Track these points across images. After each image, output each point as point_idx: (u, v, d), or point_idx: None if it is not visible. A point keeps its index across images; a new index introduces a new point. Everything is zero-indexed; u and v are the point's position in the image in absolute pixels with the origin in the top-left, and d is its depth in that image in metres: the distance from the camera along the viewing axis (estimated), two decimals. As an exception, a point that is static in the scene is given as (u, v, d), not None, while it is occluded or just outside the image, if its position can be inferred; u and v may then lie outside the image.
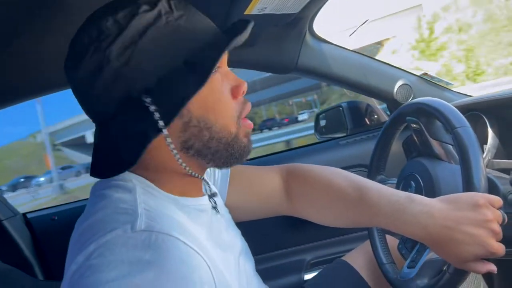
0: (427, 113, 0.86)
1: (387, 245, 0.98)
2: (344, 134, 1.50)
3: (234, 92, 0.65)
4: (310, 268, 1.40)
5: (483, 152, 0.87)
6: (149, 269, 0.48)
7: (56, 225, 1.38)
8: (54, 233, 0.65)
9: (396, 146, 1.04)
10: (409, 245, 0.89)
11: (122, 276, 0.48)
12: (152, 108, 0.57)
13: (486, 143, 1.04)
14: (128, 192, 0.59)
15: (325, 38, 1.26)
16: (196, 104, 0.60)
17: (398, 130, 1.00)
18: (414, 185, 0.90)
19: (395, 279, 0.88)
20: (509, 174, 0.81)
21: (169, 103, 0.57)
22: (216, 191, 0.81)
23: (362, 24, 1.26)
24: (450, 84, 1.34)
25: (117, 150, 0.61)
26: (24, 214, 1.46)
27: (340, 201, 0.80)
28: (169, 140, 0.60)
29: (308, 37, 1.23)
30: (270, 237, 1.43)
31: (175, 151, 0.61)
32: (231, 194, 0.87)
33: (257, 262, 0.84)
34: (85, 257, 0.51)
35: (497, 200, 0.67)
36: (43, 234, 1.41)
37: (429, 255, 0.80)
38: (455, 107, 0.82)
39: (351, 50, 1.30)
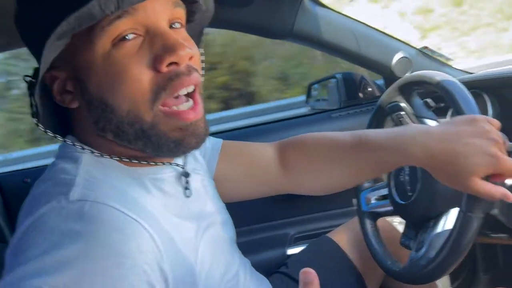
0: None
1: (385, 246, 0.93)
2: (337, 107, 1.45)
3: (155, 64, 0.53)
4: (293, 242, 1.37)
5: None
6: (78, 239, 0.47)
7: (29, 188, 1.31)
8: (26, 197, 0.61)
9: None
10: (413, 233, 0.84)
11: (51, 248, 0.46)
12: (28, 79, 0.55)
13: (485, 123, 1.00)
14: (72, 162, 0.56)
15: (324, 3, 1.18)
16: (93, 82, 0.54)
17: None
18: (408, 170, 0.85)
19: (403, 268, 0.82)
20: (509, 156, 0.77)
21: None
22: (203, 169, 0.77)
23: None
24: (450, 59, 1.29)
25: None
26: None
27: (340, 151, 0.78)
28: (41, 127, 0.57)
29: (306, 0, 1.15)
30: (253, 209, 1.39)
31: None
32: (220, 166, 0.82)
33: (239, 235, 0.81)
34: (21, 233, 0.50)
35: (496, 120, 0.65)
36: (15, 198, 1.33)
37: (435, 230, 0.77)
38: None
39: (351, 18, 1.23)
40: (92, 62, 0.53)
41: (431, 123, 0.85)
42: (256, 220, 1.41)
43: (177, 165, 0.67)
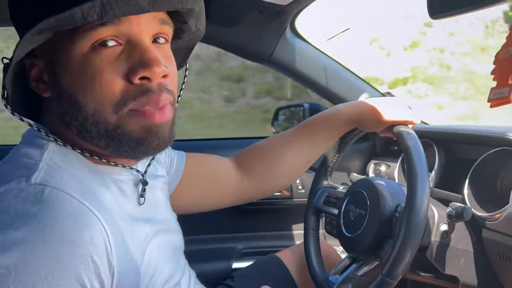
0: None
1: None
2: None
3: (129, 75, 0.55)
4: (240, 257, 1.41)
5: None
6: (33, 222, 0.48)
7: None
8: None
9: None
10: None
11: (5, 227, 0.47)
12: (5, 60, 0.56)
13: (431, 171, 1.10)
14: (38, 148, 0.57)
15: (304, 37, 1.26)
16: (67, 78, 0.55)
17: (352, 140, 1.01)
18: (354, 207, 0.89)
19: None
20: (446, 205, 0.85)
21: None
22: (164, 181, 0.80)
23: (343, 31, 1.27)
24: (410, 108, 1.38)
25: None
26: None
27: (286, 138, 0.94)
28: (9, 109, 0.58)
29: (288, 31, 1.23)
30: (205, 220, 1.42)
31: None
32: (184, 178, 0.86)
33: (188, 243, 0.83)
34: None
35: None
36: None
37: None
38: None
39: (326, 55, 1.31)
40: (69, 59, 0.54)
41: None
42: (206, 231, 1.44)
43: (137, 171, 0.68)
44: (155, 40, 0.59)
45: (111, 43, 0.54)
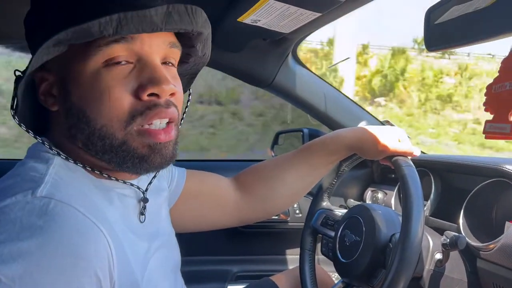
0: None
1: None
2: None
3: (138, 91, 0.57)
4: (234, 280, 1.41)
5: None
6: (39, 234, 0.48)
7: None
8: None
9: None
10: None
11: (10, 239, 0.47)
12: (18, 73, 0.57)
13: (427, 200, 1.11)
14: (43, 162, 0.58)
15: (305, 64, 1.29)
16: (77, 93, 0.57)
17: (350, 165, 1.02)
18: (350, 232, 0.90)
19: None
20: (442, 234, 0.85)
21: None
22: (166, 195, 0.81)
23: (343, 60, 1.30)
24: (408, 137, 1.40)
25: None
26: None
27: (285, 161, 0.94)
28: (16, 120, 0.59)
29: (289, 58, 1.26)
30: (200, 241, 1.42)
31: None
32: (184, 194, 0.87)
33: (184, 264, 0.83)
34: None
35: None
36: None
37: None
38: None
39: (326, 82, 1.34)
40: (81, 74, 0.56)
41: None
42: (201, 252, 1.44)
43: (138, 188, 0.69)
44: (164, 63, 0.61)
45: (123, 62, 0.57)
